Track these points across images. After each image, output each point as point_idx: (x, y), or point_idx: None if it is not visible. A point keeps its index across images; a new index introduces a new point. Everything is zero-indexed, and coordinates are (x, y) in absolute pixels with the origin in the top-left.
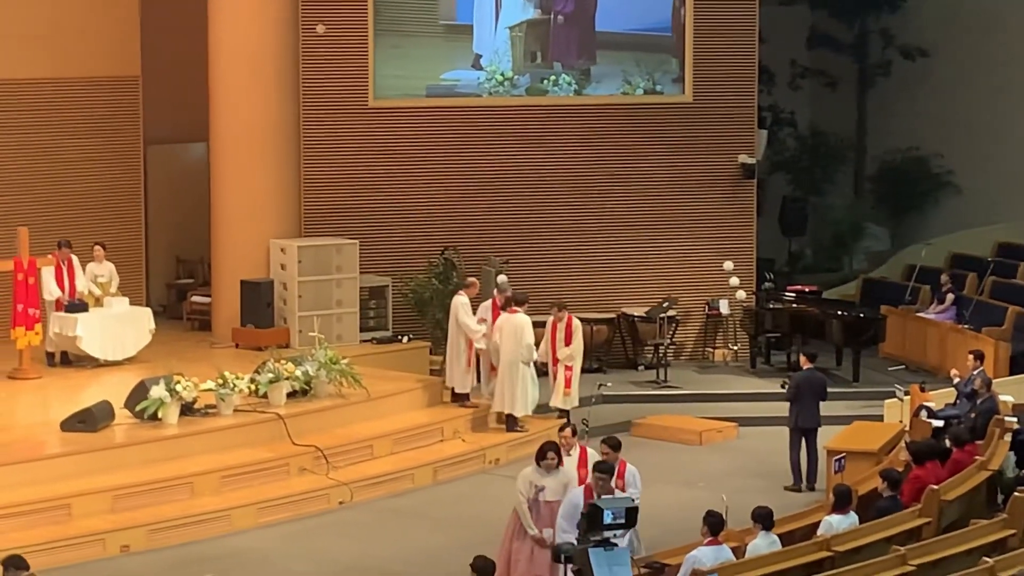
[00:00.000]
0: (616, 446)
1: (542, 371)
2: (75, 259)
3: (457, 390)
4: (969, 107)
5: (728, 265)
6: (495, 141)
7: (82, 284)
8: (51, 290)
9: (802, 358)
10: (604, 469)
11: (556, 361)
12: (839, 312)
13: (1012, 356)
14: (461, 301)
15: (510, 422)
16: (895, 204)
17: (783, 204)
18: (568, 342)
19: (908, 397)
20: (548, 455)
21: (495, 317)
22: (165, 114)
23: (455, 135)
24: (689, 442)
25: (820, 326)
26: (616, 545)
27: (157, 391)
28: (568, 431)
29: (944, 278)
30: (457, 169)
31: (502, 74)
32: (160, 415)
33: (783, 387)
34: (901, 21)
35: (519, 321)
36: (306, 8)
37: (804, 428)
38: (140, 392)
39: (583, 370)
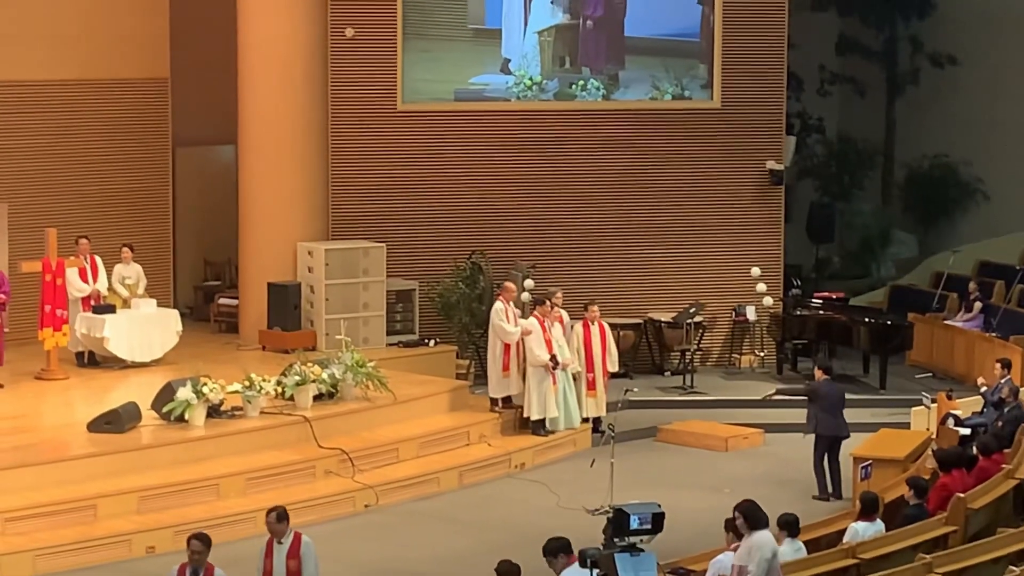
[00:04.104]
0: (283, 515)
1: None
2: (99, 259)
3: (492, 395)
4: (998, 115)
5: (755, 271)
6: (523, 145)
7: (103, 284)
8: (79, 287)
9: (817, 371)
10: (201, 539)
11: (591, 367)
12: (866, 319)
13: None
14: (495, 307)
15: (535, 426)
16: (923, 211)
17: (811, 210)
18: (604, 347)
19: (935, 405)
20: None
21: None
22: (194, 116)
23: (483, 139)
24: (715, 448)
25: (847, 333)
26: (643, 551)
27: (184, 393)
28: (274, 516)
29: (972, 286)
30: (485, 173)
31: (530, 79)
32: (186, 417)
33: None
34: (930, 28)
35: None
36: (335, 11)
37: (828, 436)
38: (167, 393)
39: (609, 375)
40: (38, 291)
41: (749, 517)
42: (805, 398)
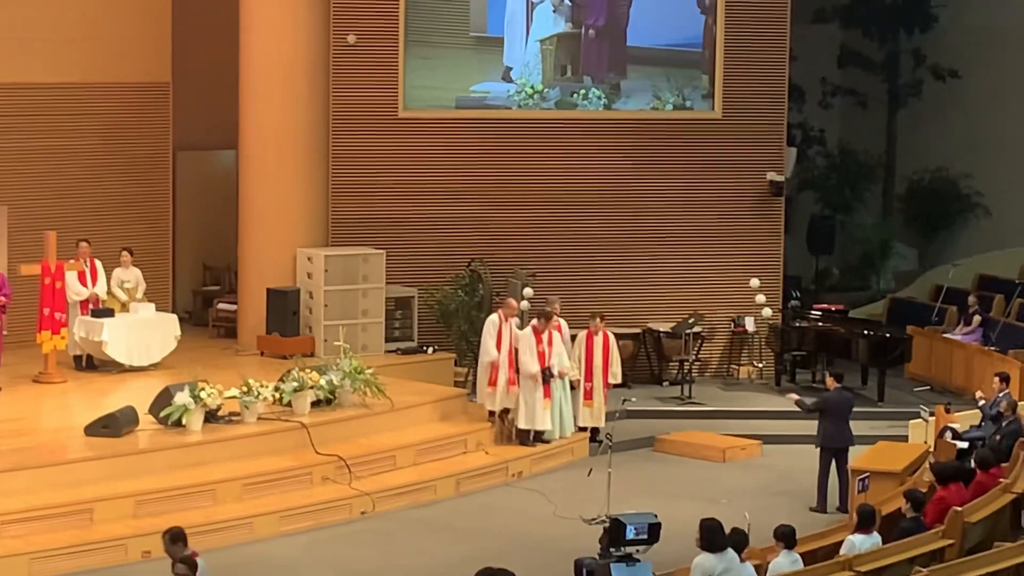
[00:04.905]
0: (176, 537)
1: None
2: (98, 263)
3: (478, 403)
4: (999, 129)
5: (755, 282)
6: (524, 154)
7: (103, 288)
8: (78, 290)
9: (829, 379)
10: (187, 563)
11: (590, 376)
12: (865, 331)
13: None
14: (490, 318)
15: (523, 436)
16: (923, 224)
17: (811, 222)
18: (606, 357)
19: (933, 418)
20: None
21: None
22: (195, 121)
23: (484, 147)
24: (712, 459)
25: (846, 345)
26: (638, 560)
27: (181, 397)
28: (168, 538)
29: (971, 299)
30: (485, 181)
31: (532, 87)
32: (184, 421)
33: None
34: (933, 41)
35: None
36: (337, 18)
37: (834, 448)
38: (164, 398)
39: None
40: (37, 294)
41: (703, 536)
42: (817, 412)
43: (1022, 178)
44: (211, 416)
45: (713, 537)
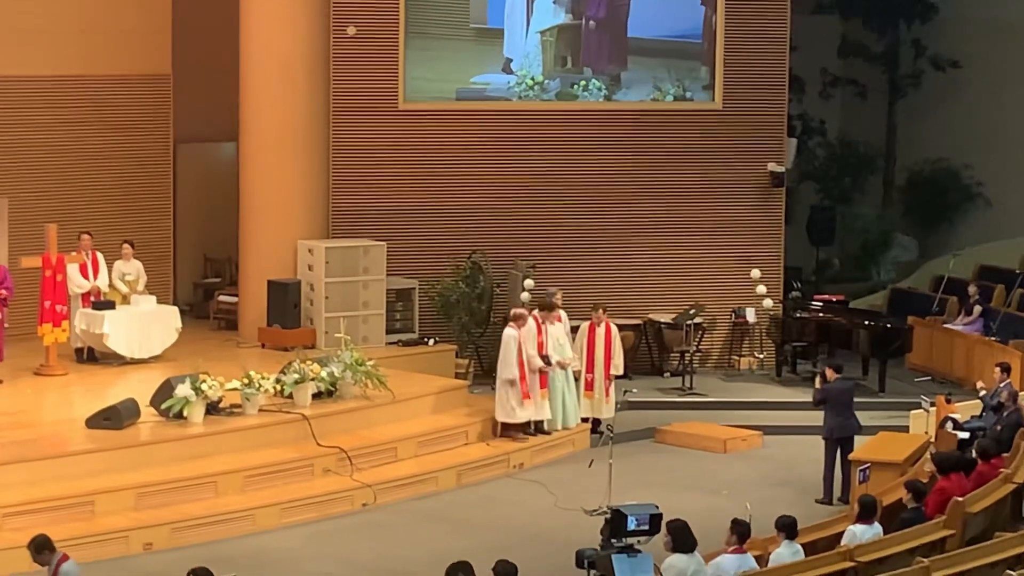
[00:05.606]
0: (41, 546)
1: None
2: (100, 256)
3: (501, 419)
4: (999, 119)
5: (755, 273)
6: (524, 145)
7: (104, 280)
8: (80, 283)
9: (828, 371)
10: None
11: (592, 368)
12: (866, 322)
13: None
14: (506, 332)
15: (523, 426)
16: (924, 215)
17: (811, 213)
18: (608, 349)
19: (934, 408)
20: None
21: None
22: (195, 113)
23: (484, 139)
24: (713, 450)
25: (847, 336)
26: (640, 552)
27: (183, 390)
28: (33, 548)
29: (972, 289)
30: (486, 173)
31: (532, 78)
32: (185, 414)
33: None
34: (932, 32)
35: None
36: (337, 9)
37: (840, 438)
38: (166, 390)
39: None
40: (38, 287)
41: (674, 538)
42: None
43: (1022, 168)
44: (212, 408)
45: (683, 538)
